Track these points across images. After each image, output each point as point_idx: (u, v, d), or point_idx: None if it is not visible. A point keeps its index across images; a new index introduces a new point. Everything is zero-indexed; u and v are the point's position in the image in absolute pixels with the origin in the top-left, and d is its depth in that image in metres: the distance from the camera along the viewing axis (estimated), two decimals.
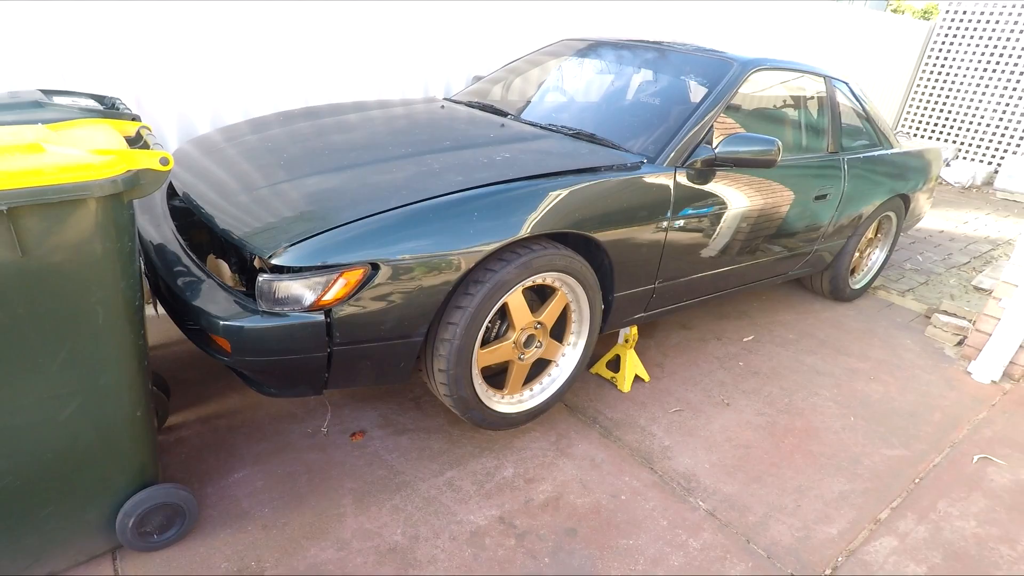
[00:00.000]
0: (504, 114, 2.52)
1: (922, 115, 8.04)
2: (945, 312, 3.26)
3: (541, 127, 2.34)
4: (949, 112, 7.80)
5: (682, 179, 2.13)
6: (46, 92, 1.67)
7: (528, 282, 1.80)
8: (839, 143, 2.92)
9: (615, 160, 2.04)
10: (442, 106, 2.63)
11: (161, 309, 1.83)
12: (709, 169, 2.22)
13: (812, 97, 2.90)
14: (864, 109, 3.17)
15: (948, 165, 7.67)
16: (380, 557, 1.60)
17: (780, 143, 2.13)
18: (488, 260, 1.70)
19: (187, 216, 1.98)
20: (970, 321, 3.10)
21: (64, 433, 1.34)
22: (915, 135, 8.20)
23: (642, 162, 2.08)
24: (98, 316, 1.29)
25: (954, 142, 7.88)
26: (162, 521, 1.54)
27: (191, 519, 1.58)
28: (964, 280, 4.10)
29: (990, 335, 2.77)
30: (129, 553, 1.54)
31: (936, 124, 7.95)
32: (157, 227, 1.90)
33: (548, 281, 1.89)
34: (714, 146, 2.17)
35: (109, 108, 1.67)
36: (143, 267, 1.86)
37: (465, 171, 1.79)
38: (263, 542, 1.61)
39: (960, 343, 3.06)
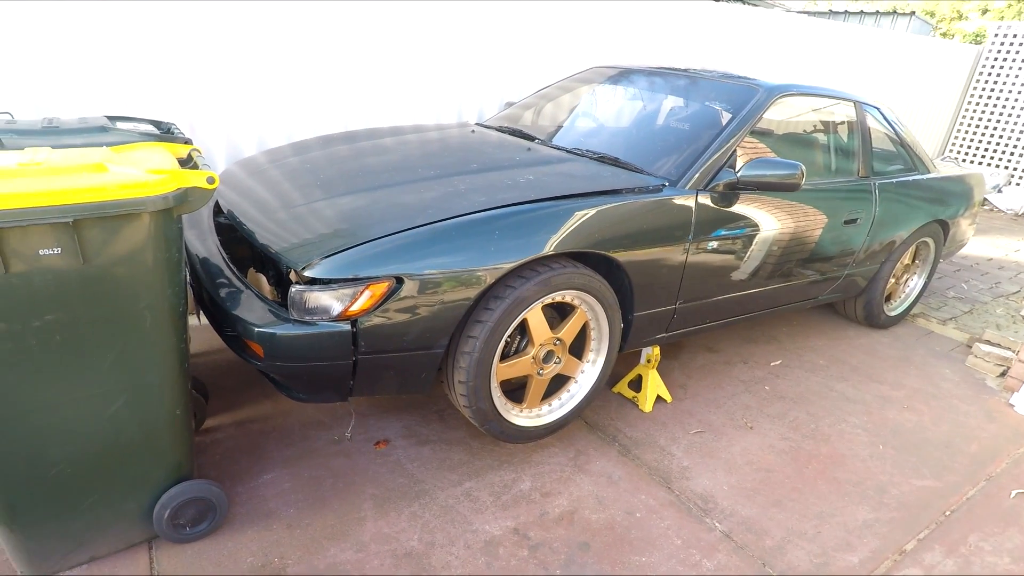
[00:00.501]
0: (531, 138, 2.61)
1: (971, 140, 7.79)
2: (988, 342, 3.15)
3: (567, 151, 2.42)
4: (1000, 137, 7.54)
5: (704, 202, 2.16)
6: (111, 118, 1.84)
7: (547, 299, 1.86)
8: (870, 167, 2.90)
9: (637, 183, 2.09)
10: (472, 131, 2.74)
11: (204, 318, 1.97)
12: (732, 192, 2.25)
13: (841, 122, 2.90)
14: (897, 134, 3.14)
15: (1000, 192, 7.39)
16: (396, 561, 1.66)
17: (803, 167, 2.14)
18: (508, 277, 1.77)
19: (231, 232, 2.13)
20: (1013, 351, 2.98)
21: (110, 427, 1.45)
22: (964, 161, 7.94)
23: (664, 185, 2.13)
24: (146, 320, 1.41)
25: (1007, 167, 7.59)
26: (195, 515, 1.63)
27: (221, 514, 1.68)
28: (1012, 310, 3.94)
29: None
30: (164, 544, 1.64)
31: (987, 150, 7.68)
32: (203, 241, 2.04)
33: (568, 299, 1.94)
34: (737, 170, 2.20)
35: (165, 132, 1.83)
36: (188, 278, 2.00)
37: (489, 192, 1.87)
38: (287, 540, 1.69)
39: (1003, 374, 2.95)
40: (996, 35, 7.48)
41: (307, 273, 1.58)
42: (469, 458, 2.08)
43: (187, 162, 1.64)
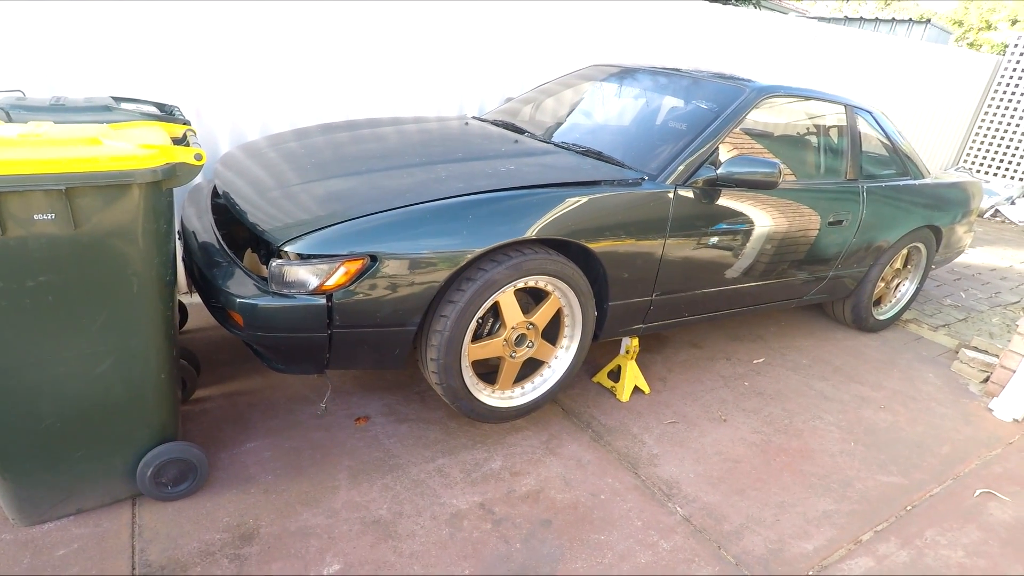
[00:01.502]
0: (521, 131, 2.68)
1: (986, 151, 7.70)
2: (975, 348, 3.15)
3: (553, 144, 2.48)
4: (1016, 149, 7.44)
5: (684, 197, 2.21)
6: (116, 99, 1.94)
7: (519, 283, 1.93)
8: (859, 170, 2.92)
9: (616, 176, 2.15)
10: (467, 123, 2.82)
11: (199, 297, 2.07)
12: (713, 189, 2.30)
13: (831, 124, 2.93)
14: (890, 139, 3.15)
15: (1013, 203, 7.30)
16: (364, 527, 1.74)
17: (782, 165, 2.19)
18: (480, 260, 1.84)
19: (227, 212, 2.22)
20: (998, 357, 2.99)
21: (99, 386, 1.55)
22: (979, 172, 7.85)
23: (643, 179, 2.18)
24: (133, 286, 1.50)
25: (1022, 180, 7.50)
26: (176, 474, 1.73)
27: (202, 476, 1.77)
28: (1009, 320, 3.92)
29: (1015, 372, 2.68)
30: (146, 501, 1.74)
31: (1002, 161, 7.59)
32: (200, 219, 2.14)
33: (541, 284, 2.01)
34: (717, 167, 2.25)
35: (167, 114, 1.93)
36: (184, 253, 2.10)
37: (468, 179, 1.95)
38: (262, 504, 1.78)
39: (986, 380, 2.96)
40: (1016, 45, 7.38)
41: (288, 248, 1.67)
42: (445, 437, 2.16)
43: (181, 141, 1.74)
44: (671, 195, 2.18)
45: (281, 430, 2.10)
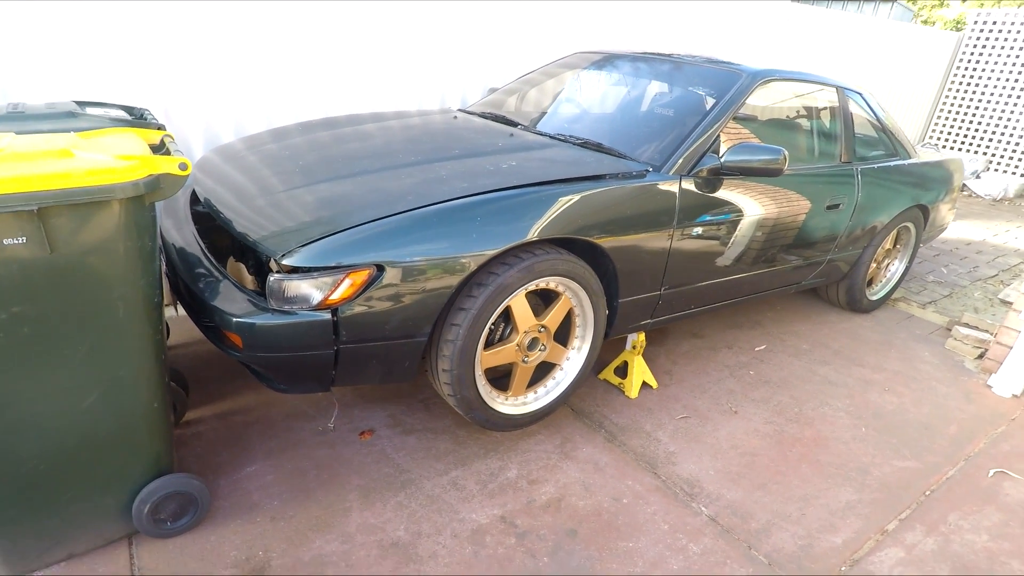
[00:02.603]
0: (514, 124, 2.58)
1: (951, 127, 7.88)
2: (967, 325, 3.19)
3: (550, 136, 2.39)
4: (979, 123, 7.63)
5: (688, 187, 2.15)
6: (80, 103, 1.77)
7: (531, 286, 1.84)
8: (852, 153, 2.91)
9: (620, 168, 2.07)
10: (455, 116, 2.71)
11: (182, 309, 1.93)
12: (716, 178, 2.24)
13: (824, 107, 2.90)
14: (879, 119, 3.15)
15: (978, 177, 7.49)
16: (383, 551, 1.64)
17: (786, 152, 2.14)
18: (491, 264, 1.75)
19: (208, 220, 2.08)
20: (991, 334, 3.03)
21: (86, 421, 1.41)
22: (944, 147, 8.04)
23: (647, 170, 2.11)
24: (119, 311, 1.37)
25: (985, 154, 7.70)
26: (176, 509, 1.60)
27: (203, 508, 1.65)
28: (990, 293, 4.00)
29: (1011, 348, 2.71)
30: (144, 539, 1.61)
31: (966, 135, 7.78)
32: (180, 230, 1.99)
33: (552, 285, 1.92)
34: (720, 155, 2.19)
35: (138, 118, 1.77)
36: (165, 267, 1.95)
37: (470, 178, 1.85)
38: (271, 533, 1.67)
39: (981, 356, 3.00)
40: (976, 22, 7.54)
41: (286, 261, 1.55)
42: (455, 447, 2.07)
43: (159, 148, 1.59)
44: (677, 186, 2.12)
45: (282, 450, 1.98)
